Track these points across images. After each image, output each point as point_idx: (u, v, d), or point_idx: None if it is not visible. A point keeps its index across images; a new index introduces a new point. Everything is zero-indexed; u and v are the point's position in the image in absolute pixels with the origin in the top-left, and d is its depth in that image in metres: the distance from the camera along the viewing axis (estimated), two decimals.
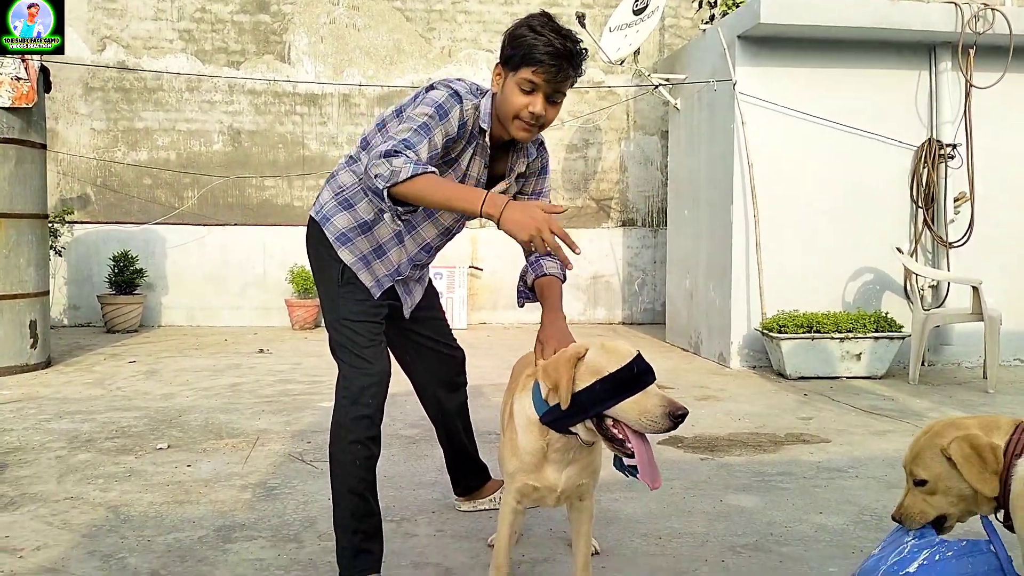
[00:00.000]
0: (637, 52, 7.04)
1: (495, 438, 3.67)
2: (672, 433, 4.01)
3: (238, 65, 8.58)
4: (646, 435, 1.86)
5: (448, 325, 2.80)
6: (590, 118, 8.93)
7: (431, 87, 2.19)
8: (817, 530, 2.72)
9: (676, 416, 1.78)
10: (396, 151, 1.98)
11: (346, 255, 2.31)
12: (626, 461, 1.89)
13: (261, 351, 6.70)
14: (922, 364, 5.67)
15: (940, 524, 1.83)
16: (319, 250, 2.38)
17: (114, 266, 7.88)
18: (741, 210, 6.06)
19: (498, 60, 2.19)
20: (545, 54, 2.07)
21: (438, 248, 2.48)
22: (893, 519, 1.86)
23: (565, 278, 2.42)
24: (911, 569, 1.72)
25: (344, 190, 2.34)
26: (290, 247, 8.31)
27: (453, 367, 2.77)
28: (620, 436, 1.87)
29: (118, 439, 3.87)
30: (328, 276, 2.36)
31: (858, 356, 5.55)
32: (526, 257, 2.48)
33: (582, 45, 2.15)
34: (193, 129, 8.55)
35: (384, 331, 2.61)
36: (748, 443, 3.87)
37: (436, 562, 2.46)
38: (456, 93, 2.16)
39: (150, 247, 8.33)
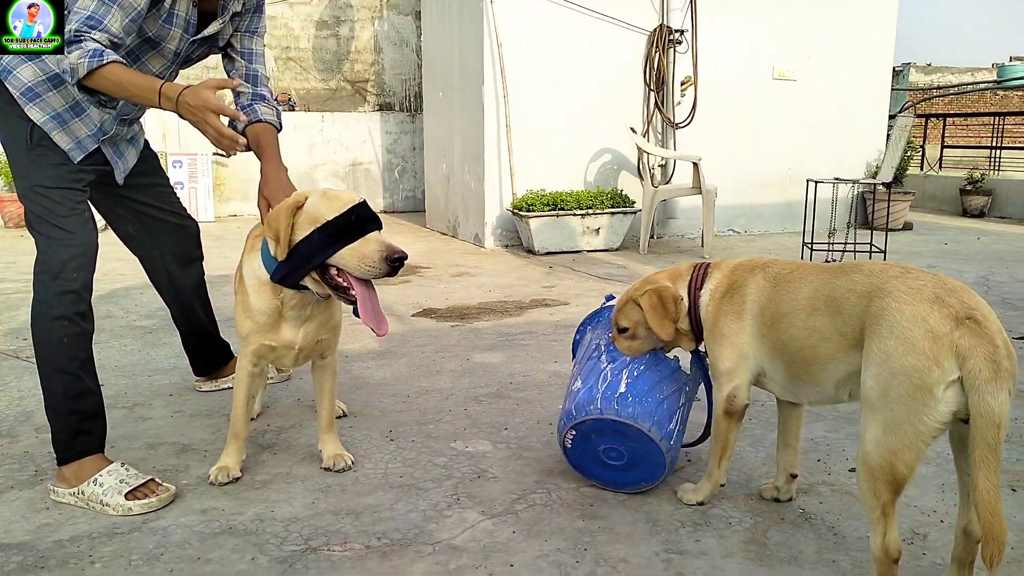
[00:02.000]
0: None
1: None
2: (427, 306, 4.13)
3: None
4: (371, 283, 1.87)
5: (174, 193, 2.58)
6: None
7: None
8: (551, 376, 2.96)
9: (393, 260, 1.81)
10: (77, 37, 1.85)
11: (35, 113, 2.02)
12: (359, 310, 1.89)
13: None
14: (651, 236, 6.24)
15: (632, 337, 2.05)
16: (3, 108, 2.07)
17: None
18: (492, 92, 6.14)
19: None
20: None
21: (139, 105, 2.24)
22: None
23: (281, 127, 2.31)
24: (622, 389, 1.93)
25: None
26: None
27: (185, 239, 2.58)
28: (345, 284, 1.87)
29: None
30: (15, 139, 2.06)
31: (597, 231, 5.98)
32: (235, 101, 2.31)
33: None
34: None
35: (99, 203, 2.38)
36: (496, 310, 4.07)
37: (172, 440, 2.36)
38: None
39: None
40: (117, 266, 2.19)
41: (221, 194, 8.08)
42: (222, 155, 6.97)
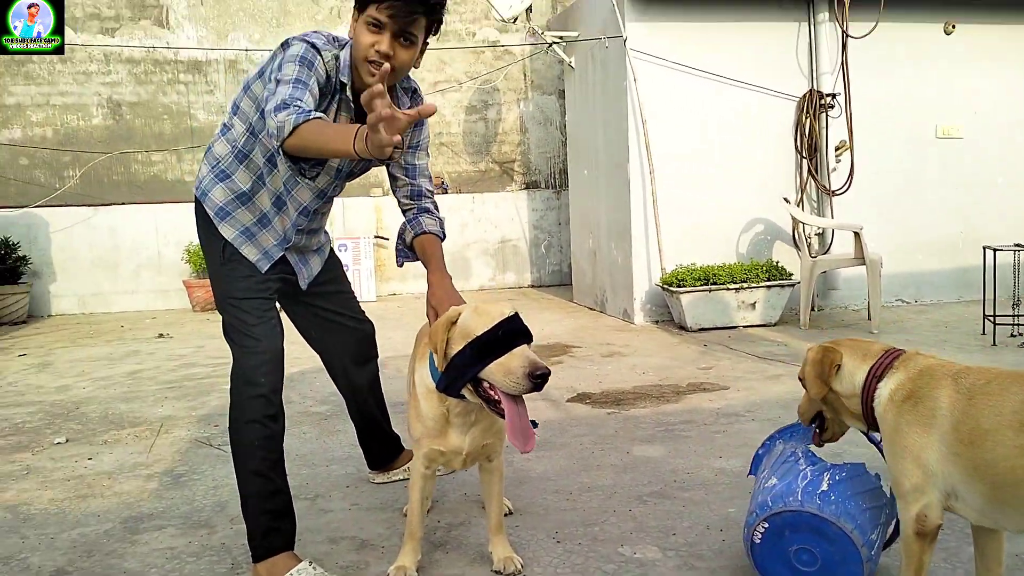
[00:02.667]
0: (529, 9, 7.02)
1: (406, 408, 3.68)
2: (581, 391, 4.15)
3: (113, 32, 8.11)
4: (520, 397, 1.90)
5: (355, 297, 2.77)
6: (487, 79, 8.89)
7: (286, 43, 2.10)
8: (717, 474, 2.88)
9: (536, 376, 1.82)
10: (285, 104, 1.91)
11: (227, 230, 2.25)
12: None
13: (161, 336, 6.47)
14: (812, 309, 5.99)
15: (822, 427, 2.03)
16: (203, 229, 2.32)
17: None
18: (637, 167, 6.19)
19: (354, 6, 2.13)
20: None
21: (318, 212, 2.43)
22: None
23: (445, 236, 2.43)
24: (824, 487, 1.88)
25: (220, 161, 2.27)
26: (184, 225, 7.97)
27: (362, 341, 2.75)
28: (495, 398, 1.91)
29: (12, 436, 3.69)
30: (212, 255, 2.30)
31: (753, 305, 5.82)
32: (403, 214, 2.45)
33: None
34: (69, 103, 8.06)
35: (286, 308, 2.58)
36: (652, 395, 4.02)
37: (352, 535, 2.48)
38: (313, 45, 2.08)
39: (32, 232, 7.86)
40: (291, 349, 2.34)
41: (382, 275, 8.54)
42: (383, 239, 7.33)
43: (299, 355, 4.74)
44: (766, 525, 1.91)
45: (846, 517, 1.83)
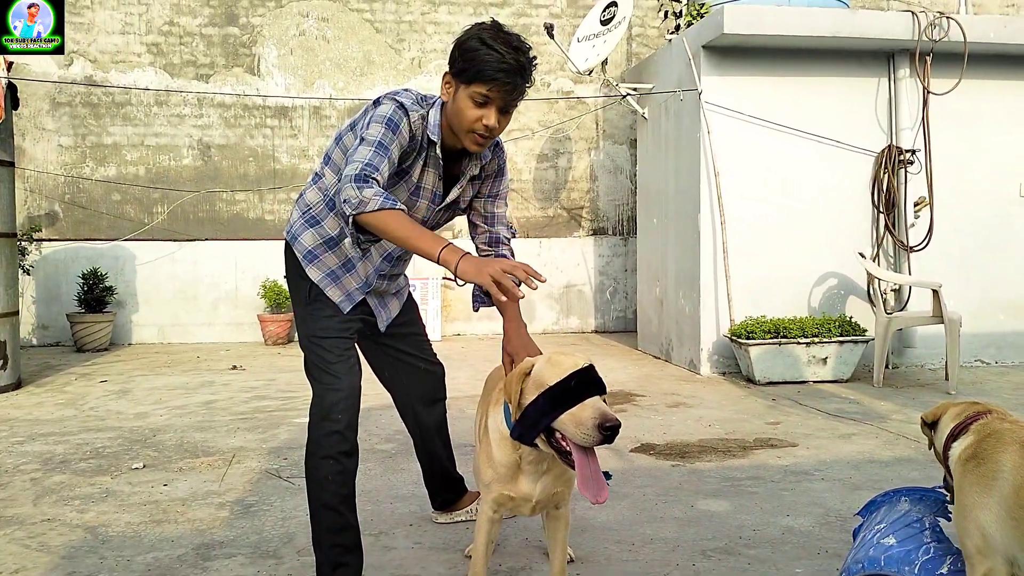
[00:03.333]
0: (605, 62, 7.14)
1: (471, 450, 3.71)
2: (645, 441, 4.11)
3: (207, 79, 8.56)
4: (592, 448, 1.90)
5: (428, 340, 2.84)
6: (560, 128, 9.03)
7: (378, 101, 2.23)
8: (784, 532, 2.81)
9: (605, 428, 1.82)
10: (367, 176, 2.02)
11: (313, 272, 2.35)
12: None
13: (234, 367, 6.68)
14: (886, 367, 5.82)
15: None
16: (291, 270, 2.43)
17: (83, 284, 7.81)
18: (708, 218, 6.18)
19: (448, 69, 2.22)
20: (500, 71, 2.11)
21: (401, 258, 2.51)
22: None
23: (520, 282, 2.47)
24: (943, 571, 1.83)
25: (311, 208, 2.39)
26: (261, 262, 8.30)
27: (432, 383, 2.81)
28: (567, 448, 1.91)
29: (93, 460, 3.86)
30: (298, 295, 2.41)
31: (824, 360, 5.68)
32: (479, 255, 2.51)
33: (532, 54, 2.19)
34: (162, 144, 8.51)
35: (363, 347, 2.66)
36: (718, 449, 3.96)
37: (415, 574, 2.50)
38: (402, 106, 2.20)
39: (120, 264, 8.27)
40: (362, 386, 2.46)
41: (448, 315, 8.66)
42: (451, 280, 7.39)
43: (367, 392, 4.84)
44: None
45: None
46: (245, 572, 2.53)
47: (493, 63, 2.10)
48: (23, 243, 7.57)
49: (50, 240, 8.24)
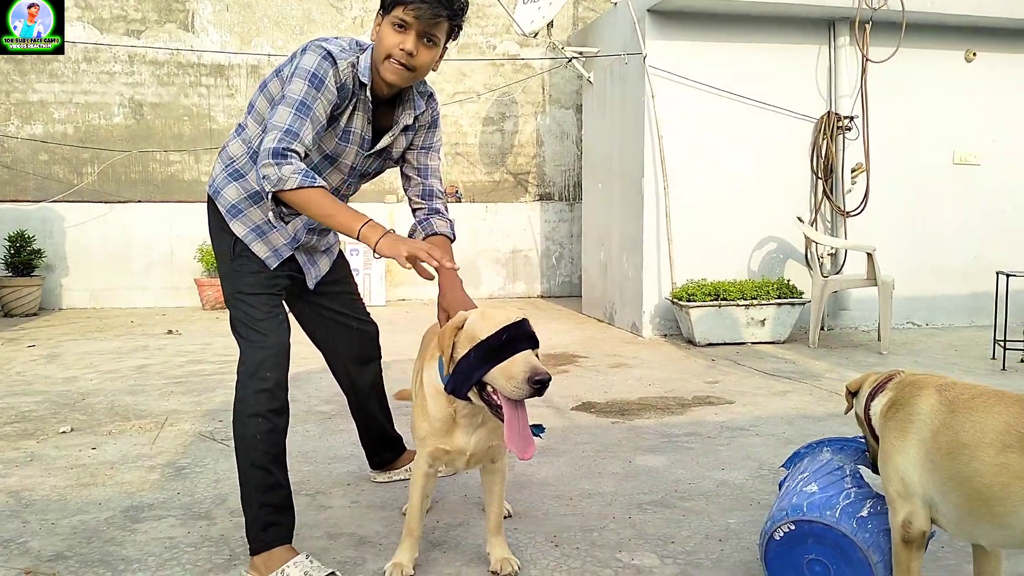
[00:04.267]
0: (551, 25, 7.07)
1: (410, 410, 3.68)
2: (586, 400, 4.14)
3: (138, 34, 8.22)
4: (522, 403, 1.89)
5: (360, 299, 2.77)
6: (506, 91, 8.94)
7: (304, 49, 2.15)
8: (719, 485, 2.86)
9: (535, 381, 1.81)
10: (285, 151, 1.99)
11: (238, 227, 2.27)
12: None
13: (170, 332, 6.51)
14: (821, 328, 5.97)
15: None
16: (214, 226, 2.34)
17: (10, 247, 7.49)
18: (652, 183, 6.20)
19: (378, 11, 2.17)
20: None
21: None
22: None
23: (455, 237, 2.44)
24: (864, 513, 1.88)
25: (234, 160, 2.30)
26: (198, 225, 7.95)
27: (364, 342, 2.75)
28: (498, 402, 1.90)
29: (18, 424, 3.72)
30: (222, 251, 2.32)
31: (762, 322, 5.79)
32: (413, 215, 2.47)
33: None
34: (92, 102, 8.16)
35: (292, 307, 2.59)
36: (657, 406, 4.01)
37: (351, 532, 2.47)
38: (329, 54, 2.12)
39: (48, 226, 7.94)
40: (298, 349, 2.36)
41: (392, 280, 8.56)
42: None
43: (307, 355, 4.75)
44: (792, 527, 1.90)
45: (875, 549, 1.83)
46: (175, 533, 2.46)
47: None
48: None
49: None
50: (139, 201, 8.20)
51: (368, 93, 2.21)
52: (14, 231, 7.57)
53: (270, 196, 2.01)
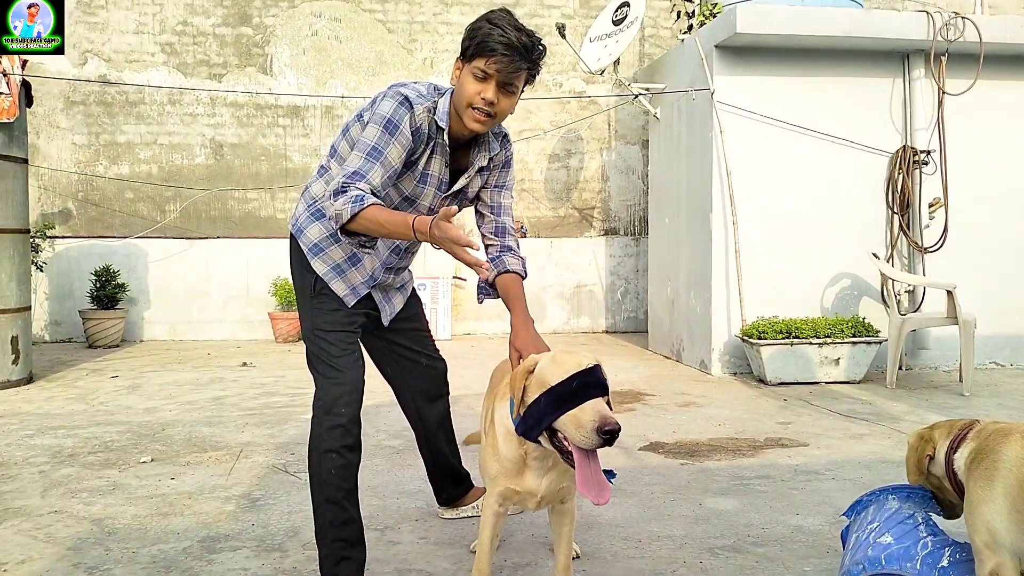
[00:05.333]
0: (617, 62, 7.12)
1: (477, 446, 3.69)
2: (654, 439, 4.08)
3: (220, 78, 8.60)
4: (593, 450, 1.87)
5: (430, 336, 2.82)
6: (572, 128, 9.01)
7: (384, 95, 2.22)
8: (793, 531, 2.77)
9: (604, 432, 1.79)
10: (343, 188, 2.06)
11: (319, 266, 2.34)
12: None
13: (244, 364, 6.69)
14: (899, 368, 5.76)
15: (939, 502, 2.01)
16: (296, 263, 2.42)
17: (96, 281, 7.85)
18: (720, 218, 6.14)
19: (458, 56, 2.23)
20: (499, 43, 2.10)
21: (409, 250, 2.50)
22: None
23: (526, 274, 2.46)
24: (944, 563, 1.81)
25: (316, 200, 2.38)
26: (273, 260, 8.32)
27: (434, 379, 2.79)
28: (569, 448, 1.88)
29: (101, 453, 3.87)
30: (303, 288, 2.39)
31: (836, 361, 5.63)
32: (486, 251, 2.50)
33: (540, 41, 2.18)
34: (175, 142, 8.55)
35: (365, 342, 2.65)
36: (727, 448, 3.92)
37: (419, 568, 2.48)
38: (406, 99, 2.19)
39: (132, 261, 8.31)
40: (367, 384, 2.41)
41: (458, 313, 8.65)
42: (461, 279, 7.43)
43: (375, 389, 4.83)
44: None
45: None
46: (250, 565, 2.52)
47: (494, 36, 2.11)
48: (36, 240, 7.61)
49: (63, 237, 8.29)
50: (218, 237, 8.51)
51: (446, 137, 2.27)
52: (100, 266, 7.94)
53: (339, 233, 2.08)
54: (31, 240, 6.68)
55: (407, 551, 2.63)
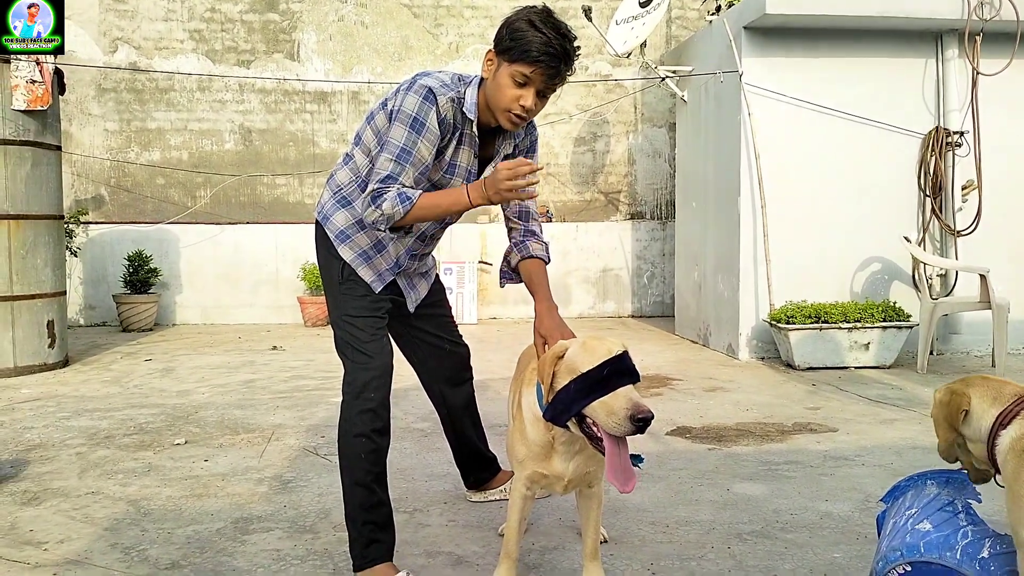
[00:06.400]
0: (644, 45, 7.05)
1: (504, 430, 3.72)
2: (681, 424, 4.08)
3: (248, 64, 8.66)
4: (623, 437, 1.87)
5: (453, 321, 2.84)
6: (598, 111, 8.96)
7: (408, 87, 2.22)
8: (822, 517, 2.77)
9: (638, 420, 1.79)
10: (382, 192, 2.13)
11: (346, 252, 2.36)
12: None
13: (274, 348, 6.78)
14: (931, 353, 5.69)
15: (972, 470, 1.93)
16: (322, 250, 2.44)
17: (129, 266, 7.99)
18: (748, 201, 6.08)
19: (493, 47, 2.22)
20: (544, 54, 2.11)
21: (433, 236, 2.51)
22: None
23: (549, 259, 2.46)
24: (985, 554, 1.78)
25: (342, 188, 2.40)
26: (302, 245, 8.39)
27: (457, 363, 2.81)
28: (598, 435, 1.89)
29: (136, 435, 3.95)
30: (330, 274, 2.42)
31: (866, 346, 5.57)
32: (509, 234, 2.51)
33: (577, 43, 2.19)
34: (205, 129, 8.63)
35: (390, 327, 2.68)
36: (755, 433, 3.91)
37: (448, 551, 2.52)
38: (430, 92, 2.19)
39: (164, 246, 8.43)
40: (396, 368, 2.44)
41: (484, 298, 8.68)
42: (487, 264, 7.42)
43: (404, 373, 4.88)
44: (908, 568, 1.82)
45: None
46: (282, 546, 2.57)
47: (539, 44, 2.10)
48: (70, 225, 7.75)
49: (97, 223, 8.43)
50: (247, 222, 8.60)
51: (474, 128, 2.28)
52: (133, 251, 8.07)
53: (387, 230, 2.19)
54: (65, 226, 6.80)
55: (436, 533, 2.66)
